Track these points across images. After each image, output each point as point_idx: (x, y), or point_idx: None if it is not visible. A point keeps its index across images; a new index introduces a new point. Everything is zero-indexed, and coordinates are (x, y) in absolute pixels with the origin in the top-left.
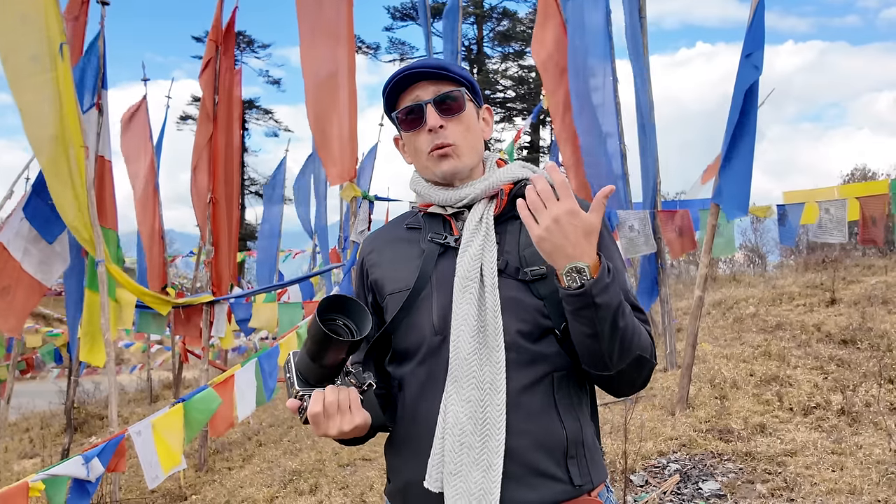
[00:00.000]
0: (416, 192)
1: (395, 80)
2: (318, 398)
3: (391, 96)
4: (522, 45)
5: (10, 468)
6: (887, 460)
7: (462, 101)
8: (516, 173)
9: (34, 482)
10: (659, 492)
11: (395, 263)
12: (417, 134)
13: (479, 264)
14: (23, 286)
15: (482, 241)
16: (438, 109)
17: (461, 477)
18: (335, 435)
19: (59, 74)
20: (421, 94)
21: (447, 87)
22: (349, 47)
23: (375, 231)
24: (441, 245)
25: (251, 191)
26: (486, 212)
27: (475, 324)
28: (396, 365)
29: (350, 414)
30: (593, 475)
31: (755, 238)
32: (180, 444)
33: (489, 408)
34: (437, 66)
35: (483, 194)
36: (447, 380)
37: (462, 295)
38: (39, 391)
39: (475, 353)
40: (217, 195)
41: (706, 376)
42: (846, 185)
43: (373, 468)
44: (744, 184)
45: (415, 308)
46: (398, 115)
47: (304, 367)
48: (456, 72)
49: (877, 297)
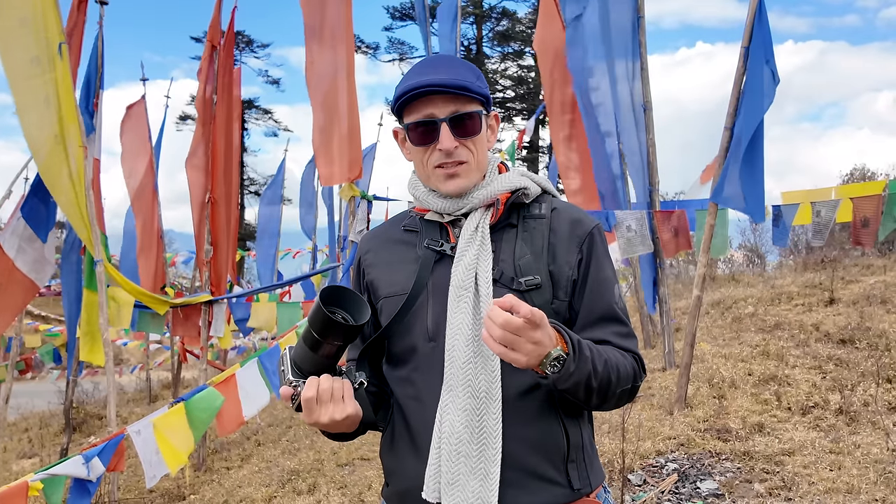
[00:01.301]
0: (415, 196)
1: (409, 94)
2: (313, 384)
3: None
4: (522, 45)
5: (9, 468)
6: (885, 459)
7: (478, 122)
8: (514, 182)
9: (34, 482)
10: (657, 491)
11: (390, 266)
12: (426, 149)
13: (474, 273)
14: (14, 284)
15: (477, 250)
16: (454, 130)
17: (459, 487)
18: (326, 422)
19: (59, 75)
20: (436, 112)
21: (465, 105)
22: (348, 47)
23: (373, 230)
24: (437, 252)
25: (250, 191)
26: (482, 220)
27: (470, 332)
28: (391, 368)
29: (343, 403)
30: (592, 478)
31: (754, 238)
32: (187, 443)
33: (485, 416)
34: (458, 85)
35: (481, 203)
36: (443, 388)
37: (457, 304)
38: (38, 391)
39: (470, 361)
40: (216, 195)
41: (704, 376)
42: (843, 186)
43: (371, 468)
44: (761, 186)
45: (410, 314)
46: (408, 126)
47: (300, 357)
48: (475, 91)
49: (875, 297)
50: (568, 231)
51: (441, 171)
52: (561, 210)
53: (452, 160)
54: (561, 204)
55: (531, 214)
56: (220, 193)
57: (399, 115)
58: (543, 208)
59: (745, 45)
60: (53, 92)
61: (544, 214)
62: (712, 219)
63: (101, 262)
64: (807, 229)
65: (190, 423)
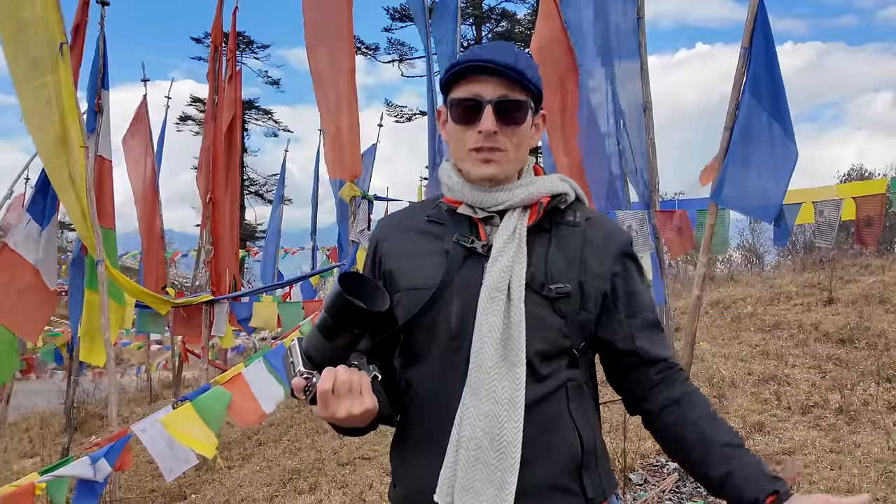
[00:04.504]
0: (448, 185)
1: (462, 66)
2: (329, 376)
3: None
4: (521, 46)
5: (10, 468)
6: (885, 459)
7: (525, 112)
8: (557, 186)
9: (40, 483)
10: (658, 490)
11: (414, 257)
12: (466, 128)
13: (509, 276)
14: (40, 290)
15: (514, 253)
16: (498, 114)
17: (473, 493)
18: (343, 416)
19: (60, 76)
20: (483, 92)
21: (515, 92)
22: (349, 48)
23: (392, 216)
24: (467, 249)
25: (250, 191)
26: (520, 222)
27: (499, 336)
28: (404, 363)
29: (361, 397)
30: (606, 486)
31: (752, 238)
32: (208, 436)
33: (507, 424)
34: (513, 68)
35: (521, 203)
36: (465, 391)
37: (489, 306)
38: (39, 391)
39: (496, 366)
40: (217, 195)
41: (704, 375)
42: (844, 185)
43: (372, 467)
44: (784, 185)
45: (433, 310)
46: (452, 101)
47: (313, 347)
48: (529, 78)
49: (874, 297)
50: (602, 243)
51: (477, 154)
52: (595, 221)
53: (490, 145)
54: (594, 214)
55: (565, 221)
56: (221, 194)
57: (445, 92)
58: (578, 216)
59: (745, 45)
60: (55, 93)
61: (579, 223)
62: (712, 219)
63: (102, 262)
64: (805, 229)
65: (204, 420)
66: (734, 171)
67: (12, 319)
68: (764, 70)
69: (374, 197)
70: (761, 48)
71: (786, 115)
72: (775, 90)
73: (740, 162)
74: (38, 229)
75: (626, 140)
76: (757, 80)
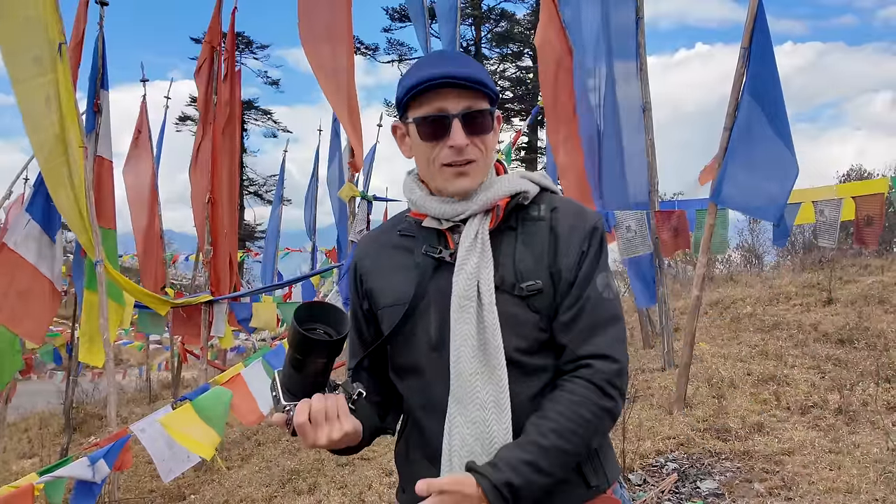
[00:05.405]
0: (411, 200)
1: (422, 85)
2: (304, 408)
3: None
4: (520, 47)
5: (9, 468)
6: (885, 459)
7: (490, 120)
8: (514, 186)
9: (38, 483)
10: (657, 491)
11: (389, 274)
12: (435, 144)
13: (476, 282)
14: (41, 290)
15: (478, 258)
16: (466, 127)
17: None
18: (325, 444)
19: (59, 75)
20: (448, 106)
21: (477, 102)
22: (348, 48)
23: (370, 234)
24: (436, 259)
25: (250, 191)
26: (481, 227)
27: (475, 343)
28: (397, 377)
29: (338, 422)
30: (608, 473)
31: (751, 238)
32: (210, 437)
33: (495, 427)
34: (475, 79)
35: (480, 209)
36: (450, 400)
37: (461, 315)
38: (38, 391)
39: (477, 372)
40: (216, 195)
41: (704, 376)
42: (844, 185)
43: (371, 467)
44: (790, 185)
45: (411, 323)
46: (417, 119)
47: (288, 380)
48: (489, 87)
49: (873, 297)
50: (568, 230)
51: (449, 169)
52: (560, 210)
53: (462, 158)
54: (561, 202)
55: (530, 217)
56: (220, 194)
57: (403, 109)
58: (542, 210)
59: (744, 45)
60: (54, 92)
61: (544, 216)
62: (712, 219)
63: (101, 263)
64: (804, 229)
65: (205, 420)
66: (733, 171)
67: (14, 320)
68: (763, 70)
69: (373, 197)
70: (760, 48)
71: (784, 122)
72: (774, 92)
73: (740, 162)
74: (39, 229)
75: (626, 140)
76: (756, 80)
